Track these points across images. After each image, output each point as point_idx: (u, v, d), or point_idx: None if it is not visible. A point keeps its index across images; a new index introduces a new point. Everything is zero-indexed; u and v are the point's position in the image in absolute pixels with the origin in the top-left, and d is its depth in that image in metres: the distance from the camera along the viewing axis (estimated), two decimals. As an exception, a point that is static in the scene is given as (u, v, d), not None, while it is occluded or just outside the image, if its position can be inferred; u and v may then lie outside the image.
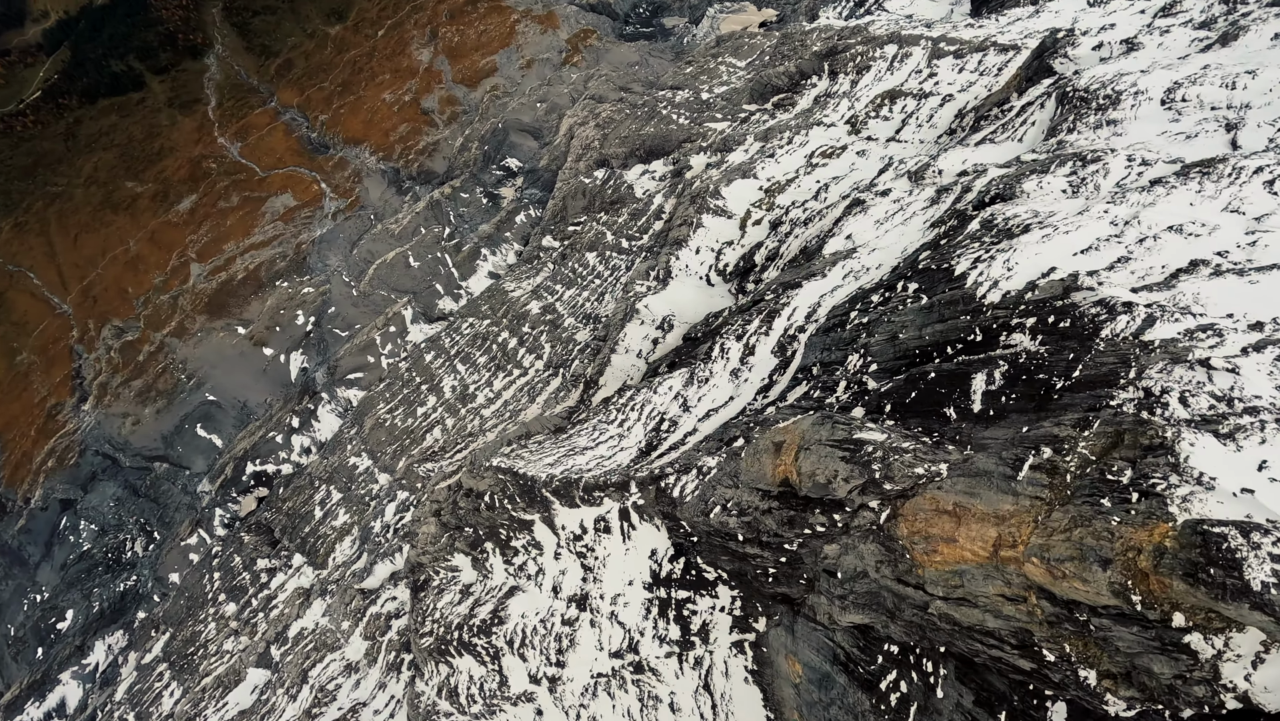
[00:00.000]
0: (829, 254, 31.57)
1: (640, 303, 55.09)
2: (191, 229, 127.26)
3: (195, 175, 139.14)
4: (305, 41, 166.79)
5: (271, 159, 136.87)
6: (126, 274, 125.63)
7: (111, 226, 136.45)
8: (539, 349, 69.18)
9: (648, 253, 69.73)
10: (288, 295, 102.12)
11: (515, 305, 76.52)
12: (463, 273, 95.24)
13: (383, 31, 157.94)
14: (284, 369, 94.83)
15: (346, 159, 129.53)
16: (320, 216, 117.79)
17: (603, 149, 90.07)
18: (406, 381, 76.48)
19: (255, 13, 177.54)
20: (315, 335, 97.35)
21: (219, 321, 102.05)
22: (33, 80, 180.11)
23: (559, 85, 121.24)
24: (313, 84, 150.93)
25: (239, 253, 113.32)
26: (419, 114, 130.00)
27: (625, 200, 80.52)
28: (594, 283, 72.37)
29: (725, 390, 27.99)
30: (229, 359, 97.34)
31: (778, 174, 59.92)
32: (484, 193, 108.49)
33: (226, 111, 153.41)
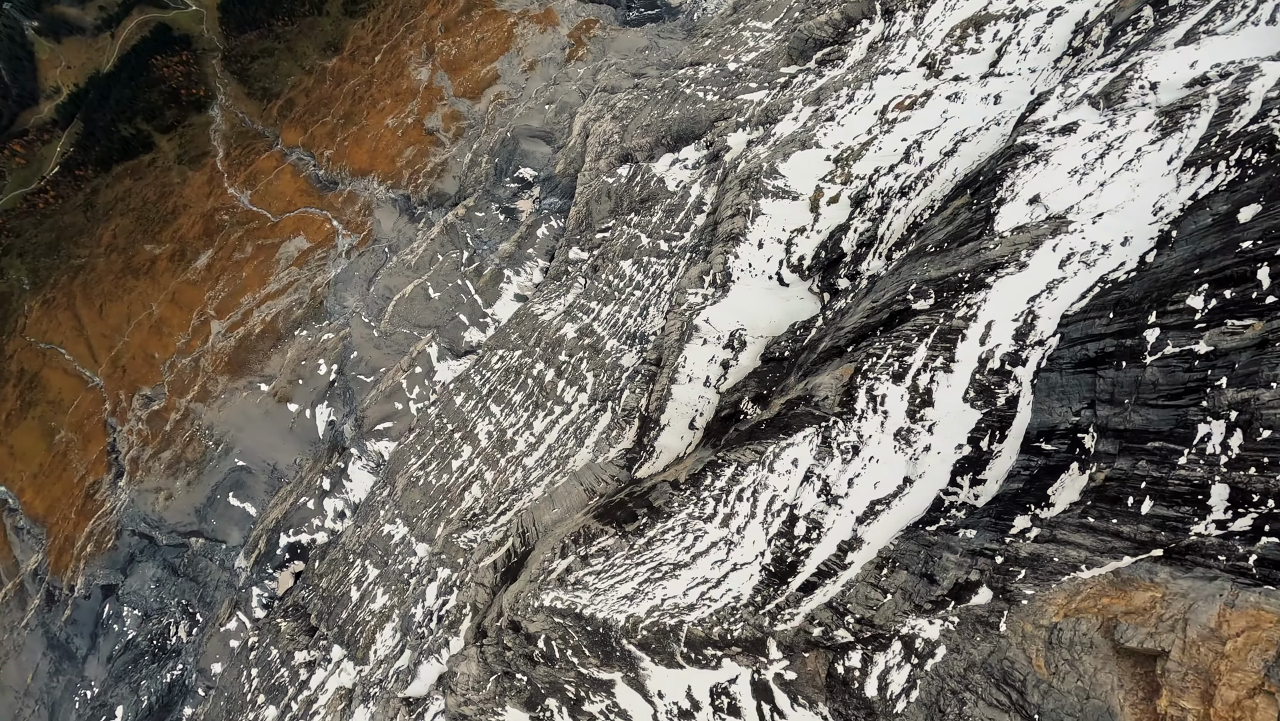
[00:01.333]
0: (1008, 229, 20.53)
1: (698, 317, 44.66)
2: (209, 285, 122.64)
3: (209, 230, 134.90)
4: (304, 78, 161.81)
5: (281, 203, 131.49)
6: (151, 339, 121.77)
7: (134, 292, 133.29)
8: (580, 379, 59.45)
9: (693, 253, 59.26)
10: (307, 344, 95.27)
11: (547, 331, 67.02)
12: (487, 298, 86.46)
13: (379, 56, 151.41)
14: (310, 424, 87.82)
15: (355, 192, 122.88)
16: (334, 256, 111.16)
17: (624, 142, 79.85)
18: (438, 430, 68.00)
19: (253, 58, 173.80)
20: (339, 384, 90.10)
21: (241, 380, 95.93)
22: (51, 156, 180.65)
23: (566, 83, 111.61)
24: (315, 120, 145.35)
25: (255, 305, 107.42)
26: (423, 135, 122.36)
27: (657, 196, 70.14)
28: (634, 295, 62.26)
29: (893, 466, 17.61)
30: (254, 419, 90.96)
31: (846, 139, 48.59)
32: (500, 208, 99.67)
33: (234, 160, 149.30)
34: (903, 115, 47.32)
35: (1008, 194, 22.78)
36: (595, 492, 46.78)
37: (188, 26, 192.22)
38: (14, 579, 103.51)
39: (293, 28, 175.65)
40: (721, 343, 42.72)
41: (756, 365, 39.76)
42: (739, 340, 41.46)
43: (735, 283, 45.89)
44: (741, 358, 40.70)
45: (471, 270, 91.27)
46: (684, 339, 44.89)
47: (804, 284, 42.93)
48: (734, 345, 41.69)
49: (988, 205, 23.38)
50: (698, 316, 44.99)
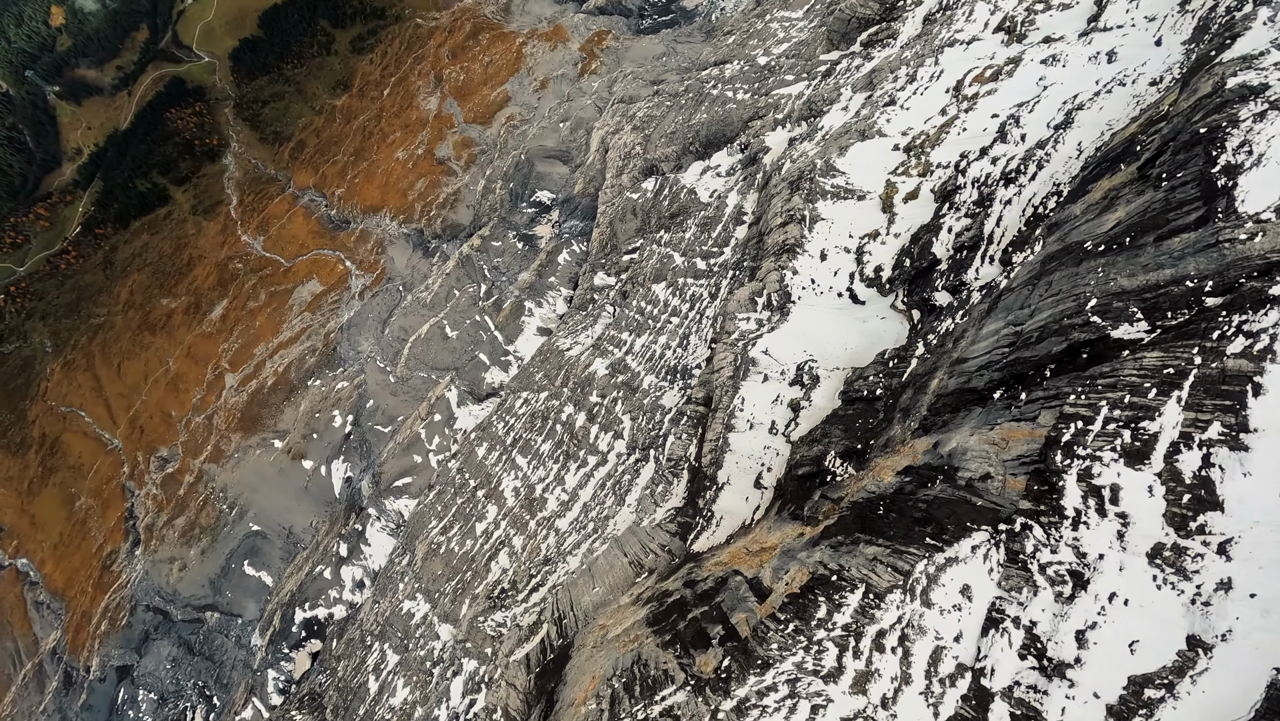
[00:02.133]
0: (1268, 208, 13.48)
1: (754, 347, 38.03)
2: (224, 336, 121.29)
3: (224, 279, 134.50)
4: (315, 119, 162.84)
5: (294, 246, 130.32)
6: (168, 397, 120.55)
7: (150, 349, 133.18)
8: (615, 423, 53.11)
9: (737, 271, 52.85)
10: (321, 395, 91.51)
11: (575, 368, 61.11)
12: (508, 335, 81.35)
13: (387, 90, 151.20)
14: (326, 482, 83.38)
15: (368, 230, 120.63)
16: (347, 298, 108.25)
17: (647, 153, 74.47)
18: (459, 487, 62.40)
19: (264, 103, 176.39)
20: (355, 436, 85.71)
21: (254, 437, 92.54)
22: (73, 217, 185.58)
23: (580, 98, 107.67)
24: (325, 160, 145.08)
25: (268, 355, 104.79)
26: (434, 165, 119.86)
27: (689, 209, 64.19)
28: (670, 323, 55.96)
29: (1159, 613, 10.56)
30: (268, 480, 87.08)
31: (916, 123, 41.84)
32: (517, 236, 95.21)
33: (247, 207, 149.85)
34: (985, 89, 40.41)
35: (1241, 157, 15.70)
36: (642, 566, 40.04)
37: (201, 78, 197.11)
38: (34, 658, 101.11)
39: (302, 70, 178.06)
40: (787, 378, 35.89)
41: (836, 406, 32.76)
42: (809, 374, 34.56)
43: (796, 303, 39.16)
44: (815, 396, 33.74)
45: (490, 304, 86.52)
46: (739, 375, 38.21)
47: (884, 300, 35.93)
48: (803, 381, 34.80)
49: (1207, 176, 16.31)
50: (753, 347, 38.32)
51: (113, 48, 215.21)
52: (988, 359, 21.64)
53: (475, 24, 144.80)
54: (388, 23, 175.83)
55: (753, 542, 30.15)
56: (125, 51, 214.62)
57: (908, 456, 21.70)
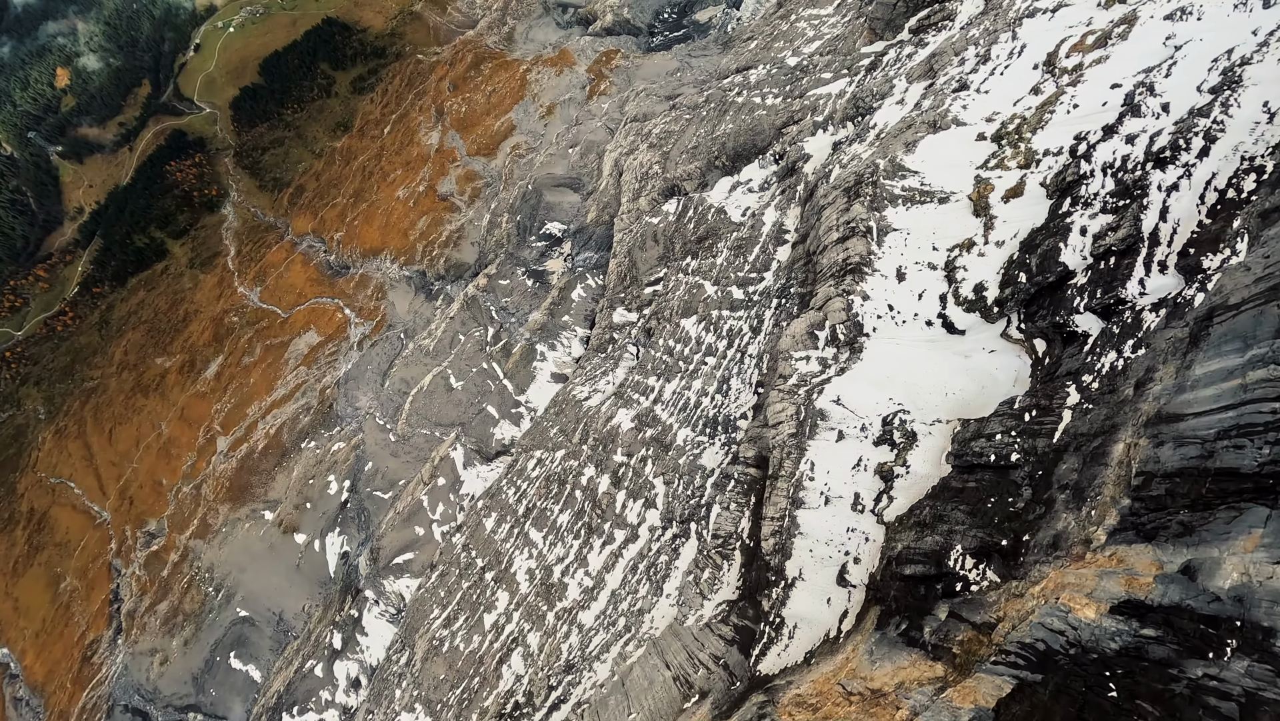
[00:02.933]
0: None
1: (821, 395, 31.15)
2: (218, 396, 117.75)
3: (219, 334, 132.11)
4: (315, 163, 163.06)
5: (292, 296, 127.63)
6: (160, 463, 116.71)
7: (143, 412, 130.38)
8: (646, 489, 46.11)
9: (783, 299, 46.32)
10: (315, 458, 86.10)
11: (596, 421, 54.55)
12: (518, 383, 75.42)
13: (388, 128, 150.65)
14: (320, 559, 77.13)
15: (368, 274, 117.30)
16: (345, 349, 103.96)
17: (666, 172, 69.19)
18: (465, 568, 55.58)
19: (264, 150, 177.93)
20: (352, 504, 79.70)
21: (243, 508, 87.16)
22: (73, 277, 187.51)
23: (590, 121, 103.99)
24: (325, 203, 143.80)
25: (261, 415, 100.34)
26: (437, 201, 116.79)
27: (718, 231, 58.22)
28: (705, 364, 49.31)
29: None
30: (258, 557, 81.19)
31: (1003, 107, 35.39)
32: (526, 272, 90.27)
33: (245, 257, 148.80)
34: (1090, 58, 33.85)
35: None
36: (691, 684, 32.57)
37: (202, 129, 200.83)
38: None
39: (302, 114, 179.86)
40: (869, 435, 28.84)
41: (946, 474, 25.48)
42: (902, 430, 27.45)
43: (870, 336, 32.30)
44: (914, 460, 26.55)
45: (498, 349, 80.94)
46: (804, 431, 31.22)
47: (991, 327, 28.87)
48: (893, 439, 27.69)
49: None
50: (820, 395, 31.40)
51: (115, 105, 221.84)
52: (1232, 419, 14.44)
53: (477, 54, 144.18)
54: (388, 61, 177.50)
55: (849, 676, 22.75)
56: (128, 108, 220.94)
57: (1118, 578, 14.50)
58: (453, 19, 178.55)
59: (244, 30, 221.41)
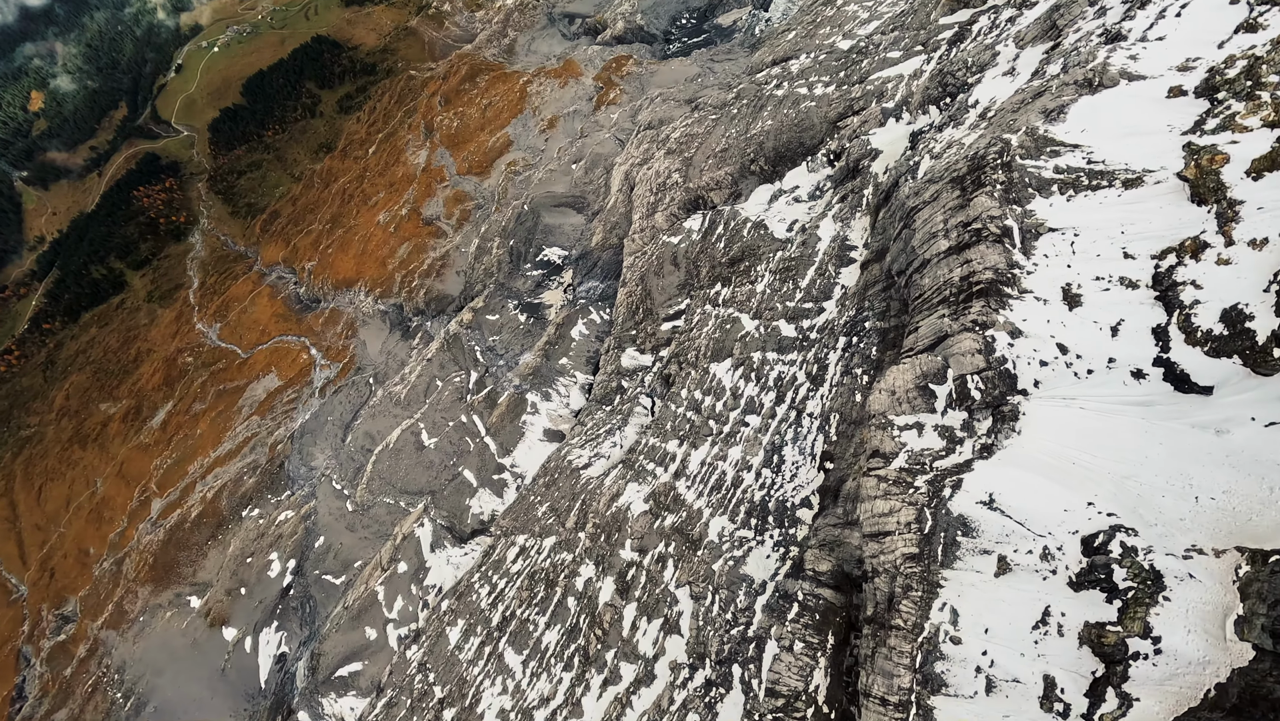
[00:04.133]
0: None
1: (961, 497, 20.38)
2: (161, 449, 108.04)
3: (171, 377, 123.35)
4: (293, 186, 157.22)
5: (255, 334, 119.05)
6: (89, 529, 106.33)
7: (78, 466, 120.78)
8: (664, 603, 34.93)
9: (854, 335, 36.10)
10: (256, 531, 75.38)
11: (596, 499, 43.69)
12: (503, 441, 64.87)
13: (374, 148, 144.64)
14: (251, 662, 65.56)
15: (339, 309, 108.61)
16: (306, 395, 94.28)
17: (689, 181, 59.96)
18: (419, 698, 44.11)
19: (240, 173, 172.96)
20: (297, 589, 68.50)
21: (166, 592, 76.16)
22: (25, 312, 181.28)
23: (597, 133, 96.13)
24: (299, 230, 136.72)
25: (201, 474, 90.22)
26: (420, 226, 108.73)
27: (757, 250, 48.31)
28: (746, 425, 38.73)
29: None
30: (178, 656, 69.79)
31: (1203, 50, 25.45)
32: (519, 306, 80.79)
33: (208, 290, 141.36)
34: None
35: None
36: None
37: (178, 153, 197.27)
38: None
39: (284, 135, 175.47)
40: (1061, 567, 18.05)
41: (1246, 661, 14.35)
42: (1129, 562, 16.53)
43: (1032, 395, 21.76)
44: (1163, 625, 15.59)
45: (481, 399, 70.72)
46: (934, 552, 20.37)
47: (1266, 382, 18.08)
48: (1110, 579, 16.80)
49: None
50: (957, 491, 20.68)
51: (88, 128, 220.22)
52: None
53: (473, 67, 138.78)
54: (379, 78, 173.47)
55: None
56: (101, 131, 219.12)
57: None
58: (449, 34, 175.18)
59: (229, 50, 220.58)
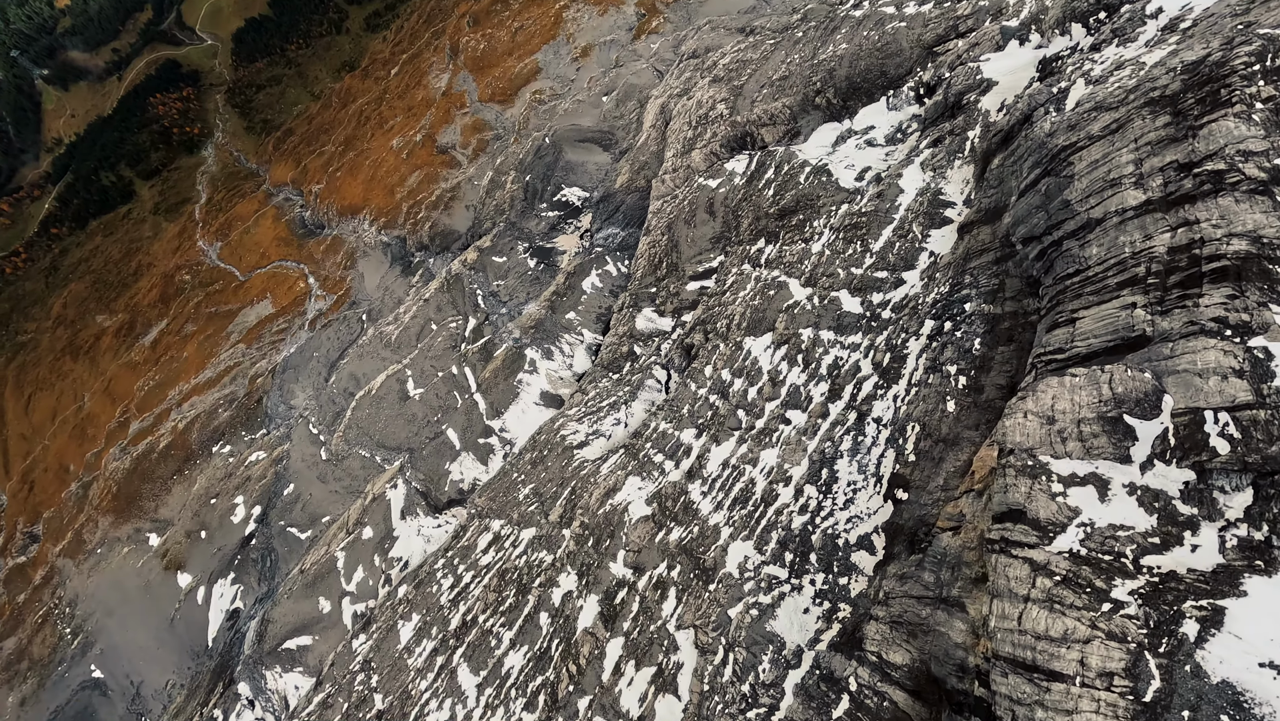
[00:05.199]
0: None
1: (1220, 647, 10.24)
2: (149, 369, 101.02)
3: (167, 295, 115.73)
4: (310, 105, 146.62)
5: (255, 256, 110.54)
6: (71, 445, 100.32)
7: (69, 378, 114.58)
8: (659, 647, 26.20)
9: (950, 318, 26.16)
10: (224, 469, 67.93)
11: (589, 489, 34.80)
12: (495, 400, 56.02)
13: (396, 69, 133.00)
14: (202, 615, 58.67)
15: (341, 237, 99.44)
16: (297, 327, 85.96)
17: (736, 115, 49.18)
18: (356, 705, 36.42)
19: (259, 88, 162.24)
20: (259, 540, 61.16)
21: (126, 526, 69.40)
22: (38, 215, 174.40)
23: (634, 62, 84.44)
24: (311, 150, 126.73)
25: (178, 401, 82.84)
26: (434, 155, 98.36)
27: (816, 202, 37.98)
28: (787, 423, 29.33)
29: None
30: (129, 599, 63.24)
31: None
32: (529, 250, 71.05)
33: (215, 206, 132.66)
34: None
35: None
36: None
37: (199, 62, 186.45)
38: None
39: (307, 51, 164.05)
40: None
41: None
42: None
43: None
44: None
45: (476, 349, 61.72)
46: None
47: None
48: None
49: None
50: (1208, 636, 10.84)
51: (112, 29, 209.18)
52: None
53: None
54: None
55: None
56: (124, 34, 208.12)
57: None
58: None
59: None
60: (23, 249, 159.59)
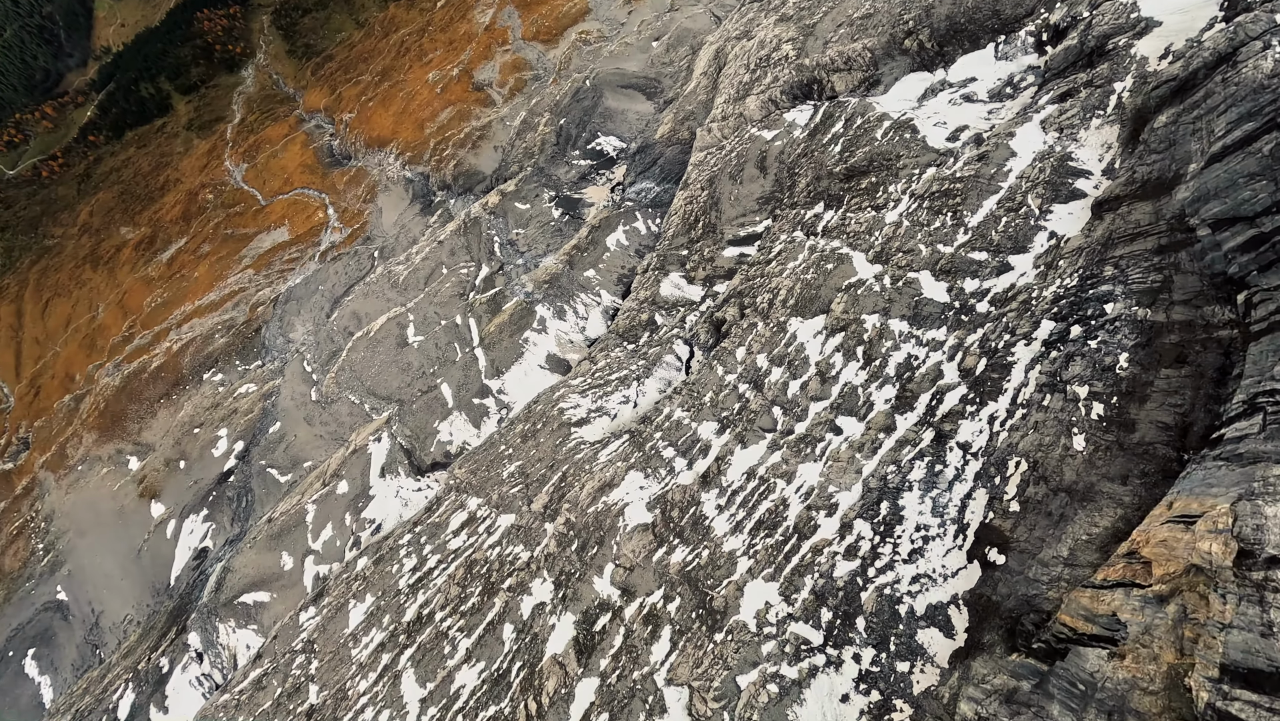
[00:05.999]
0: None
1: None
2: (162, 285, 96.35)
3: (189, 213, 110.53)
4: (354, 33, 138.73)
5: (278, 181, 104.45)
6: (80, 353, 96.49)
7: (86, 287, 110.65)
8: (640, 700, 19.74)
9: (1080, 322, 18.27)
10: (213, 398, 62.75)
11: (580, 479, 28.24)
12: (496, 358, 49.48)
13: (443, 2, 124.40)
14: (169, 550, 53.97)
15: (366, 169, 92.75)
16: (308, 258, 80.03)
17: (804, 57, 40.97)
18: (289, 693, 30.99)
19: (306, 11, 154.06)
20: (238, 477, 56.05)
21: (108, 446, 64.89)
22: (79, 121, 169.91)
23: (690, 7, 75.37)
24: (347, 79, 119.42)
25: (180, 322, 77.78)
26: (469, 91, 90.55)
27: (892, 163, 30.14)
28: (836, 431, 22.08)
29: None
30: (102, 522, 58.87)
31: None
32: (555, 199, 63.72)
33: (246, 128, 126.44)
34: None
35: None
36: None
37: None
38: None
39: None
40: None
41: None
42: None
43: None
44: None
45: (485, 300, 55.06)
46: None
47: None
48: None
49: None
50: None
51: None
52: None
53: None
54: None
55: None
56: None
57: None
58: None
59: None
60: (60, 154, 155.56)
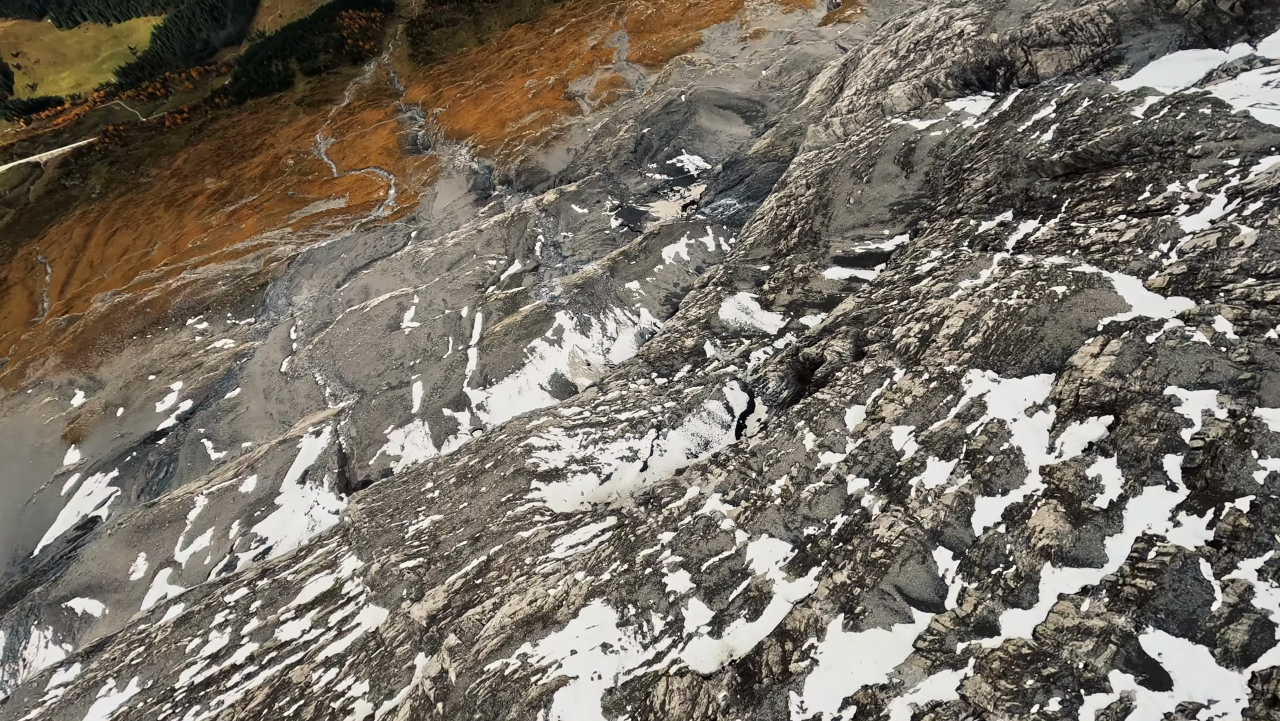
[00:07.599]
0: None
1: None
2: (213, 232, 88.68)
3: (268, 174, 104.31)
4: (473, 48, 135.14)
5: (356, 159, 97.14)
6: (118, 281, 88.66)
7: (154, 224, 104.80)
8: None
9: None
10: (184, 346, 51.35)
11: (499, 598, 13.36)
12: (490, 364, 35.97)
13: (561, 28, 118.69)
14: (55, 509, 41.29)
15: (437, 158, 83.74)
16: (350, 228, 69.92)
17: (988, 31, 27.14)
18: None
19: (437, 25, 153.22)
20: (169, 443, 43.64)
21: (65, 374, 54.05)
22: (215, 85, 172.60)
23: (810, 41, 63.80)
24: (453, 81, 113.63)
25: (200, 262, 68.09)
26: (559, 99, 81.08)
27: (1171, 147, 15.11)
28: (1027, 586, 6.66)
29: None
30: (18, 456, 47.29)
31: None
32: (618, 208, 51.15)
33: (349, 110, 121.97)
34: None
35: None
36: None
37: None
38: None
39: (491, 4, 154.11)
40: None
41: None
42: None
43: None
44: None
45: (502, 298, 42.11)
46: None
47: None
48: None
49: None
50: None
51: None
52: None
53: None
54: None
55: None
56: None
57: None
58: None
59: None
60: (187, 109, 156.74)
